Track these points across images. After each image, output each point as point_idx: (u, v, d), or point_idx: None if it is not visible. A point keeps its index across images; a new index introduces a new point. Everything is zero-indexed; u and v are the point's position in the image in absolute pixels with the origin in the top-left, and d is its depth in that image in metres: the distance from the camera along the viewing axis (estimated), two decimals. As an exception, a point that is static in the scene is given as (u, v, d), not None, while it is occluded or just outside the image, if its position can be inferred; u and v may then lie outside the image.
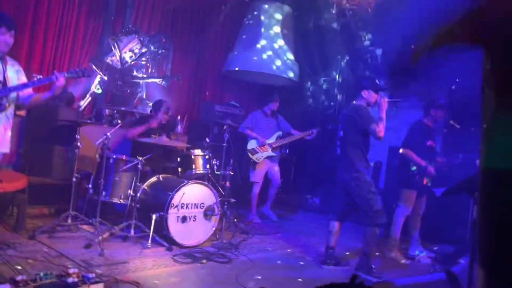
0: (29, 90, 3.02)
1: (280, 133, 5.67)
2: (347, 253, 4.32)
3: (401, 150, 4.34)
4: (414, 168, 4.28)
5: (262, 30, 6.84)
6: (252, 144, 5.55)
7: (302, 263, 3.90)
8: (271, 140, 5.58)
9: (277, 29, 6.91)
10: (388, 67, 6.99)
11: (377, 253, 4.43)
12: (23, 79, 3.06)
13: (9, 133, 2.96)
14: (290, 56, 7.00)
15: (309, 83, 7.75)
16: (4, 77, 2.90)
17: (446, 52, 1.19)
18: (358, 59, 7.10)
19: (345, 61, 7.27)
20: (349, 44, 7.15)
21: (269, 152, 5.53)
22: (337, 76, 7.33)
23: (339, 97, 7.32)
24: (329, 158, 7.18)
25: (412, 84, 6.93)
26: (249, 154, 5.50)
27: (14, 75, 2.99)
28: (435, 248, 4.76)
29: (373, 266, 3.54)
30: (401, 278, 3.49)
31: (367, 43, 7.11)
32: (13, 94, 2.92)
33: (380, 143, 7.07)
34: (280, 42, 6.90)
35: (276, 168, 5.69)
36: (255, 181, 5.53)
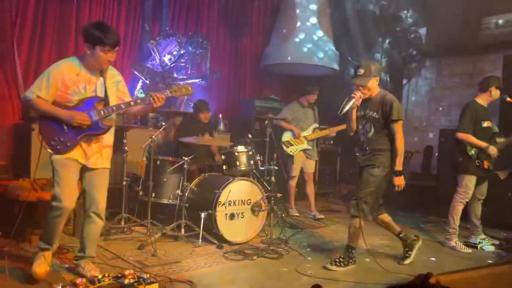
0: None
1: (316, 125, 5.42)
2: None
3: (458, 135, 4.06)
4: (473, 152, 4.01)
5: (298, 24, 6.70)
6: (286, 136, 5.30)
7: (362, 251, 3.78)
8: (307, 133, 5.34)
9: (313, 20, 6.74)
10: (434, 46, 6.66)
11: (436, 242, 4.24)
12: (124, 92, 2.89)
13: (111, 150, 2.91)
14: (331, 46, 6.82)
15: (352, 70, 7.50)
16: (106, 94, 2.75)
17: None
18: (401, 40, 6.79)
19: (387, 43, 6.97)
20: (390, 25, 6.85)
21: (305, 145, 5.30)
22: (381, 60, 7.04)
23: (385, 79, 7.03)
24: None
25: (462, 62, 6.56)
26: (283, 147, 5.26)
27: (114, 87, 2.83)
28: (503, 234, 4.47)
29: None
30: (464, 270, 3.28)
31: (410, 21, 6.78)
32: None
33: (429, 127, 6.82)
34: (319, 33, 6.73)
35: (312, 164, 5.43)
36: (292, 175, 5.30)
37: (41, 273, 2.65)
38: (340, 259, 3.33)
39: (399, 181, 3.31)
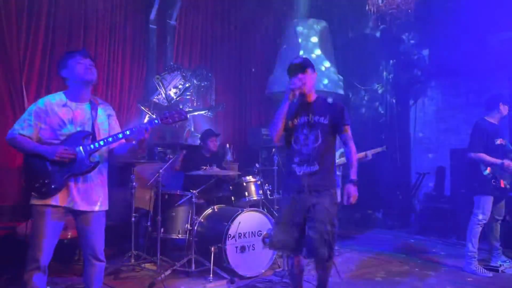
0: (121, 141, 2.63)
1: (342, 150, 4.98)
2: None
3: (470, 155, 3.98)
4: (487, 171, 3.91)
5: (302, 52, 6.78)
6: None
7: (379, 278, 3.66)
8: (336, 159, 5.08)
9: (317, 51, 6.82)
10: (438, 66, 6.67)
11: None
12: (115, 128, 2.71)
13: (105, 190, 2.66)
14: (335, 73, 6.88)
15: (362, 92, 7.47)
16: (93, 128, 2.57)
17: None
18: (404, 62, 6.81)
19: (390, 65, 7.00)
20: (392, 48, 6.90)
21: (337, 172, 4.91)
22: (382, 84, 7.06)
23: (392, 101, 7.01)
24: (388, 168, 6.85)
25: (467, 80, 6.52)
26: None
27: (105, 121, 2.66)
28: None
29: None
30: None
31: (412, 42, 6.82)
32: (105, 148, 2.59)
33: (439, 147, 6.73)
34: (326, 64, 6.79)
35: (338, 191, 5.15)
36: None
37: None
38: None
39: (355, 191, 2.69)
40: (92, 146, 2.50)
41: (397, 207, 6.71)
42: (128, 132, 2.55)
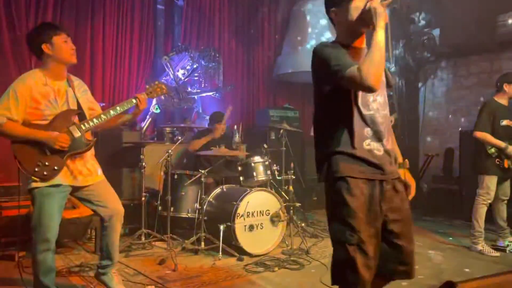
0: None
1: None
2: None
3: (475, 134, 3.97)
4: (493, 151, 3.91)
5: (310, 30, 6.71)
6: None
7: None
8: None
9: (327, 33, 6.73)
10: (449, 46, 6.56)
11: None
12: (93, 101, 2.74)
13: (96, 162, 2.71)
14: (344, 51, 6.78)
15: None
16: (79, 106, 2.56)
17: None
18: (415, 43, 6.70)
19: (401, 46, 6.90)
20: (402, 28, 6.79)
21: None
22: (395, 63, 6.97)
23: (400, 83, 6.94)
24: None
25: (479, 61, 6.41)
26: None
27: (83, 97, 2.65)
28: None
29: None
30: (493, 275, 3.17)
31: (422, 22, 6.69)
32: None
33: (448, 128, 6.68)
34: (327, 35, 6.71)
35: None
36: None
37: None
38: None
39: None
40: (86, 125, 2.51)
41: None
42: (119, 109, 2.59)
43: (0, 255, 3.56)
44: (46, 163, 2.39)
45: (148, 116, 5.47)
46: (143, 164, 4.16)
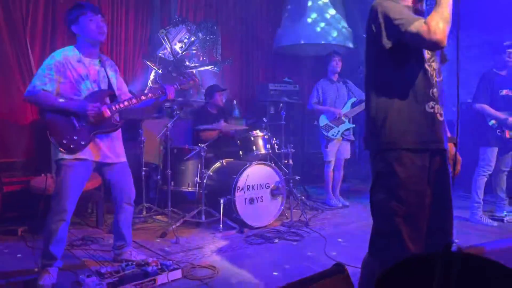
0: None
1: (354, 99, 4.92)
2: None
3: (475, 106, 3.95)
4: (493, 122, 3.89)
5: (310, 3, 6.56)
6: (323, 120, 4.85)
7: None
8: (346, 110, 4.85)
9: (325, 0, 6.59)
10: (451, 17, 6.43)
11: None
12: (122, 83, 2.82)
13: (121, 143, 2.81)
14: (344, 23, 6.66)
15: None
16: (110, 86, 2.67)
17: None
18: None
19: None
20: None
21: (347, 124, 4.83)
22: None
23: None
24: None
25: (481, 32, 6.29)
26: (324, 132, 4.82)
27: (114, 78, 2.74)
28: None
29: None
30: (491, 242, 3.21)
31: None
32: None
33: (448, 100, 6.60)
34: (331, 11, 6.57)
35: (348, 148, 4.99)
36: (328, 159, 4.86)
37: (47, 285, 2.46)
38: None
39: None
40: (117, 106, 2.61)
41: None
42: (150, 95, 2.72)
43: (4, 230, 3.59)
44: (74, 137, 2.51)
45: (146, 91, 5.42)
46: (142, 138, 4.15)
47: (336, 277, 1.62)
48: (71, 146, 2.50)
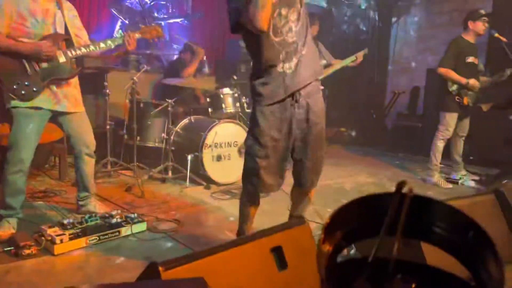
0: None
1: (324, 61, 4.90)
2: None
3: (439, 70, 4.03)
4: (454, 88, 4.01)
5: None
6: None
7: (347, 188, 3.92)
8: None
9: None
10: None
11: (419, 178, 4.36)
12: (81, 28, 2.63)
13: (80, 93, 2.69)
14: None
15: (345, 7, 7.19)
16: (66, 30, 2.49)
17: None
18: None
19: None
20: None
21: None
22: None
23: (374, 18, 6.83)
24: (364, 87, 6.90)
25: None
26: None
27: (72, 21, 2.56)
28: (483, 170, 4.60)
29: None
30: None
31: None
32: None
33: (416, 66, 6.75)
34: None
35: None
36: None
37: (5, 235, 2.37)
38: None
39: None
40: (74, 52, 2.47)
41: (370, 125, 6.90)
42: (110, 43, 2.55)
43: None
44: (26, 83, 2.36)
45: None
46: (107, 91, 4.01)
47: (298, 228, 1.68)
48: (22, 93, 2.36)
